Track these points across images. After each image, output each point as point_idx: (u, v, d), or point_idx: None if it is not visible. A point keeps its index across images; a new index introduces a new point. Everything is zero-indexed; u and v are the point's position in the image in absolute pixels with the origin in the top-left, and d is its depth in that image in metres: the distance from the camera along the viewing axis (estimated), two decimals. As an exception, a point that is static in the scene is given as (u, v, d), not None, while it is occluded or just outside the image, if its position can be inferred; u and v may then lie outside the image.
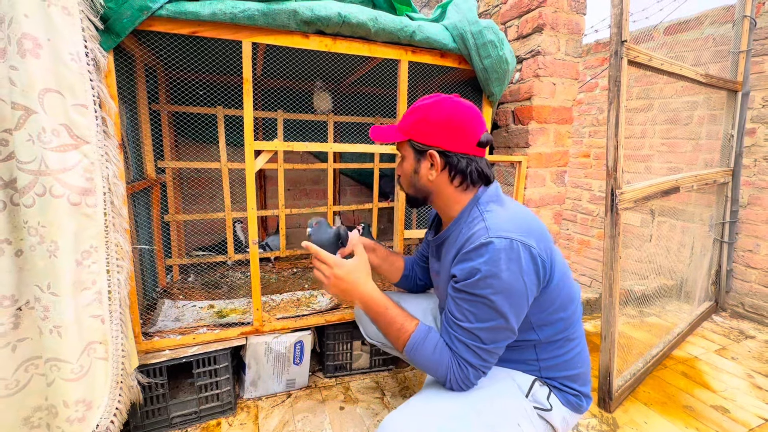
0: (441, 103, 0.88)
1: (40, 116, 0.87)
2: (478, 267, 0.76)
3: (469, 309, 0.79)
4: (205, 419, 1.31)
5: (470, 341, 0.80)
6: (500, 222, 0.80)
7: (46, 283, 0.91)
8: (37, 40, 0.85)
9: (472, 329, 0.79)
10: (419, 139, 0.89)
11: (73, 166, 0.92)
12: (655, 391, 1.56)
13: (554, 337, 0.88)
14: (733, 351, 1.89)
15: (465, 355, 0.81)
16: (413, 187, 0.95)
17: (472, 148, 0.88)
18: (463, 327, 0.80)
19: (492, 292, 0.76)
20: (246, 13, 1.11)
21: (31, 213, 0.88)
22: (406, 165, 0.95)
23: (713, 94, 2.18)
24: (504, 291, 0.76)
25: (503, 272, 0.75)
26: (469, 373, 0.81)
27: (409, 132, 0.90)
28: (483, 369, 0.82)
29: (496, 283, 0.75)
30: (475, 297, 0.78)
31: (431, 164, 0.89)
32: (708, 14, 2.32)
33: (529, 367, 0.91)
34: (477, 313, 0.78)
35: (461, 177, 0.89)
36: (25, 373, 0.99)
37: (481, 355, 0.80)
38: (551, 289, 0.83)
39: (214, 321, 1.39)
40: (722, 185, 2.15)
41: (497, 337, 0.80)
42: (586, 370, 0.93)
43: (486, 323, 0.78)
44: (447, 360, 0.82)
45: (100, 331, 1.01)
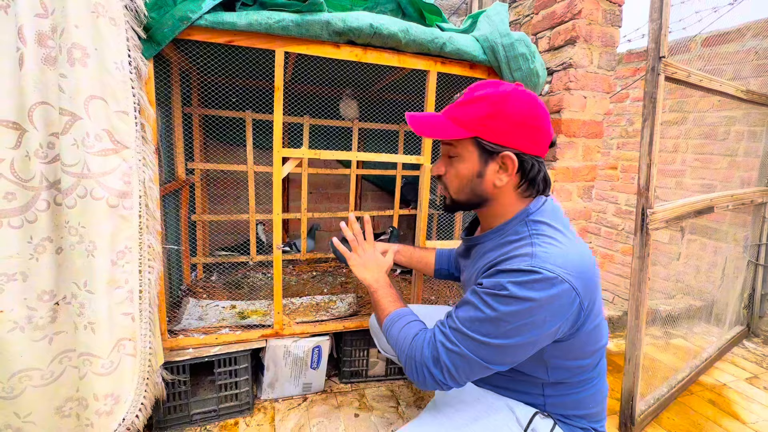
0: (518, 95, 0.75)
1: (85, 122, 0.91)
2: (506, 285, 0.67)
3: (473, 313, 0.71)
4: (223, 418, 1.34)
5: (454, 335, 0.73)
6: (550, 254, 0.69)
7: (83, 281, 0.95)
8: (86, 49, 0.89)
9: (463, 330, 0.72)
10: (491, 137, 0.75)
11: (113, 169, 0.96)
12: (680, 418, 1.50)
13: (567, 380, 0.80)
14: (765, 380, 1.80)
15: (440, 336, 0.75)
16: (470, 192, 0.81)
17: (545, 149, 0.78)
18: (457, 321, 0.73)
19: (507, 313, 0.67)
20: (281, 23, 1.13)
21: (72, 213, 0.93)
22: (463, 167, 0.80)
23: (753, 110, 2.09)
24: (520, 321, 0.67)
25: (532, 303, 0.66)
26: (428, 355, 0.75)
27: (476, 128, 0.75)
28: (446, 370, 0.73)
29: (516, 309, 0.66)
30: (486, 306, 0.69)
31: (500, 167, 0.77)
32: (750, 26, 2.22)
33: (532, 399, 0.84)
34: (479, 321, 0.70)
35: (529, 183, 0.78)
36: (59, 365, 1.04)
37: (453, 352, 0.72)
38: (578, 336, 0.74)
39: (236, 322, 1.42)
40: (760, 205, 2.05)
41: (482, 351, 0.70)
42: (600, 409, 0.85)
43: (481, 336, 0.70)
44: (414, 334, 0.81)
45: (130, 329, 1.05)
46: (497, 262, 0.74)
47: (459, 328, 0.73)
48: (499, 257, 0.75)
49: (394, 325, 0.88)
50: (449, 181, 0.84)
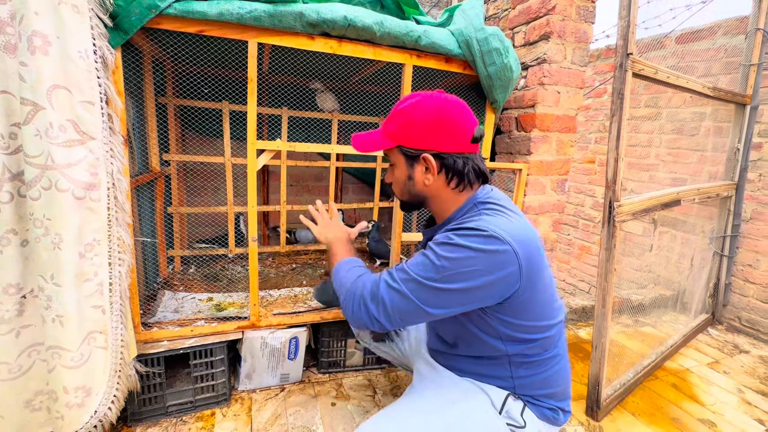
0: (424, 102, 0.83)
1: (48, 112, 0.89)
2: (452, 237, 0.75)
3: (420, 260, 0.78)
4: (199, 409, 1.35)
5: (401, 273, 0.79)
6: (496, 221, 0.76)
7: (49, 274, 0.94)
8: (47, 37, 0.87)
9: (409, 269, 0.78)
10: (409, 144, 0.84)
11: (79, 161, 0.94)
12: (644, 402, 1.58)
13: (528, 357, 0.85)
14: (725, 365, 1.90)
15: (386, 274, 0.81)
16: (408, 193, 0.91)
17: (466, 145, 0.84)
18: (405, 266, 0.80)
19: (448, 259, 0.73)
20: (252, 14, 1.12)
21: (37, 205, 0.91)
22: (398, 172, 0.90)
23: (721, 107, 2.16)
24: (459, 268, 0.72)
25: (471, 252, 0.72)
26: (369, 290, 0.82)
27: (396, 138, 0.85)
28: (382, 304, 0.79)
29: (457, 256, 0.73)
30: (433, 253, 0.76)
31: (426, 168, 0.85)
32: (721, 24, 2.29)
33: (503, 382, 0.88)
34: (423, 265, 0.76)
35: (458, 178, 0.85)
36: (27, 359, 1.03)
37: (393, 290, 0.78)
38: (522, 304, 0.78)
39: (212, 314, 1.42)
40: (725, 199, 2.14)
41: (421, 294, 0.76)
42: (564, 388, 0.91)
43: (423, 279, 0.75)
44: (360, 274, 0.87)
45: (101, 322, 1.04)
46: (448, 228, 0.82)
47: (405, 269, 0.79)
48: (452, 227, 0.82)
49: (343, 267, 0.92)
50: (394, 186, 0.94)
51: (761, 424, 1.49)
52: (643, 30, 2.39)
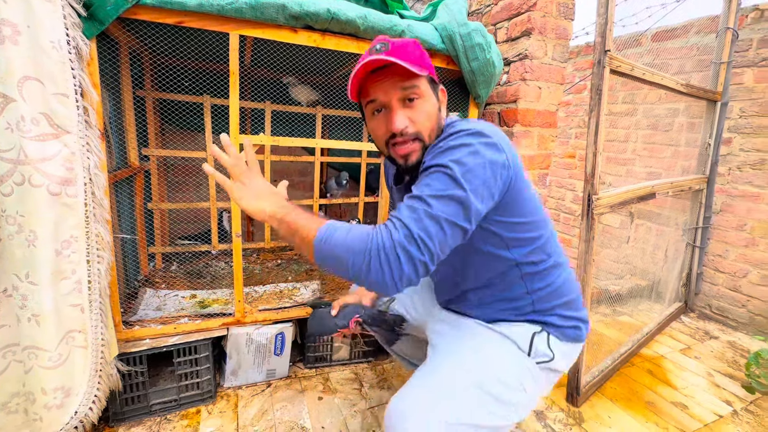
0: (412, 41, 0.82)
1: (19, 104, 0.86)
2: (445, 145, 0.73)
3: (424, 183, 0.70)
4: (184, 407, 1.34)
5: (416, 203, 0.68)
6: (470, 122, 0.77)
7: (24, 273, 0.91)
8: (17, 26, 0.84)
9: (421, 195, 0.68)
10: (431, 71, 0.82)
11: (53, 155, 0.91)
12: (621, 388, 1.64)
13: (535, 265, 0.85)
14: (697, 351, 1.99)
15: (403, 215, 0.67)
16: (437, 128, 0.82)
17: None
18: (412, 196, 0.70)
19: (453, 161, 0.69)
20: (233, 5, 1.10)
21: (9, 202, 0.88)
22: (429, 105, 0.80)
23: (694, 103, 2.24)
24: (467, 164, 0.69)
25: (471, 146, 0.71)
26: (399, 236, 0.65)
27: (427, 67, 0.80)
28: (421, 241, 0.65)
29: (459, 155, 0.69)
30: (435, 168, 0.70)
31: (442, 99, 0.86)
32: (694, 23, 2.36)
33: (523, 303, 0.87)
34: (432, 183, 0.69)
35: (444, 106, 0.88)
36: (3, 360, 1.00)
37: (423, 220, 0.65)
38: (516, 195, 0.78)
39: (196, 311, 1.40)
40: (697, 192, 2.23)
41: (449, 208, 0.67)
42: (578, 295, 0.93)
43: (441, 191, 0.67)
44: (368, 231, 0.68)
45: (80, 320, 1.02)
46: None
47: (419, 196, 0.68)
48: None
49: (335, 233, 0.69)
50: (420, 125, 0.79)
51: (729, 405, 1.57)
52: (620, 28, 2.45)
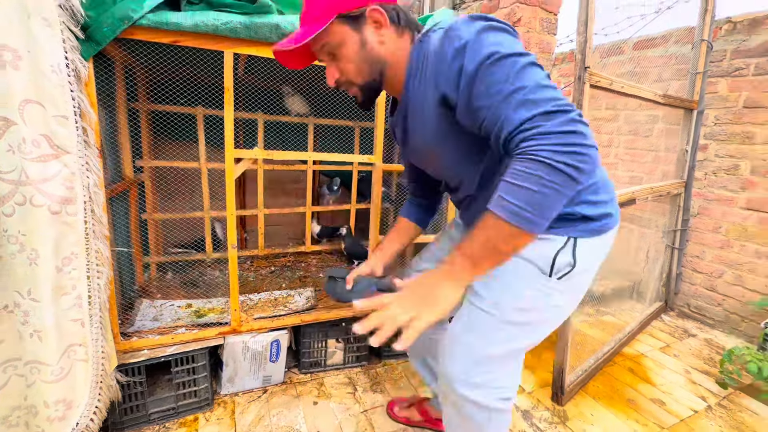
0: None
1: (21, 127, 0.88)
2: (458, 49, 0.66)
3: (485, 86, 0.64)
4: (182, 415, 1.37)
5: (515, 96, 0.62)
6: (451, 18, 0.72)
7: (26, 290, 0.94)
8: (17, 51, 0.86)
9: (503, 91, 0.62)
10: (346, 7, 0.75)
11: (54, 176, 0.94)
12: (604, 386, 1.72)
13: None
14: (675, 348, 2.08)
15: (527, 112, 0.60)
16: (369, 66, 0.79)
17: None
18: (496, 102, 0.63)
19: (488, 44, 0.64)
20: (228, 25, 1.13)
21: (10, 222, 0.90)
22: (346, 50, 0.77)
23: (672, 111, 2.33)
24: (496, 40, 0.65)
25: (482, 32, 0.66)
26: (554, 119, 0.59)
27: (330, 10, 0.74)
28: (558, 102, 0.60)
29: (486, 39, 0.65)
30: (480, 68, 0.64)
31: (374, 26, 0.77)
32: (673, 33, 2.46)
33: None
34: (495, 76, 0.63)
35: (408, 25, 0.80)
36: (3, 374, 1.02)
37: (538, 95, 0.61)
38: None
39: (192, 321, 1.43)
40: (676, 196, 2.32)
41: (533, 72, 0.63)
42: (604, 177, 0.86)
43: (512, 71, 0.62)
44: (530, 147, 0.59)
45: (80, 334, 1.04)
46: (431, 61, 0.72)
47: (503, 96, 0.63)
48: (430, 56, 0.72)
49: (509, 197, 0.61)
50: (348, 73, 0.80)
51: (704, 400, 1.66)
52: (603, 37, 2.53)
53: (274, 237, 2.28)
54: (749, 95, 2.12)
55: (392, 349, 1.24)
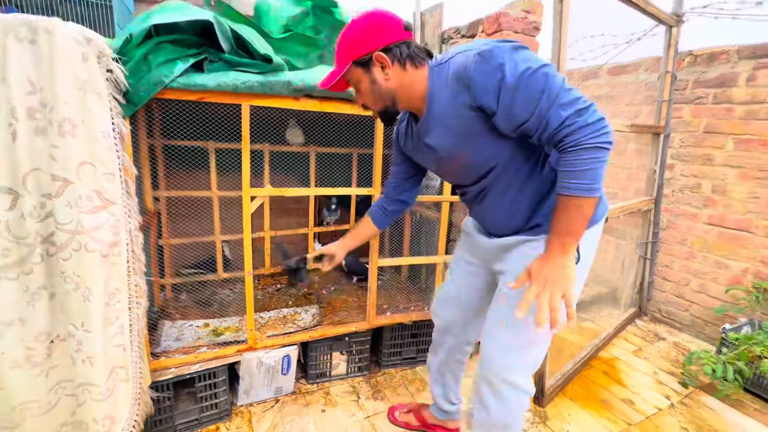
0: (355, 19, 0.96)
1: (77, 185, 1.03)
2: (495, 67, 0.82)
3: (526, 96, 0.81)
4: (205, 425, 1.52)
5: (553, 101, 0.80)
6: (466, 45, 0.89)
7: (80, 322, 1.09)
8: (74, 122, 1.02)
9: (543, 97, 0.80)
10: (358, 54, 0.95)
11: (103, 224, 1.09)
12: (580, 388, 1.92)
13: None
14: (646, 351, 2.29)
15: (564, 112, 0.80)
16: (380, 99, 1.00)
17: (401, 33, 0.96)
18: (540, 107, 0.80)
19: (522, 61, 0.81)
20: (246, 84, 1.30)
21: (67, 265, 1.06)
22: (363, 86, 1.00)
23: (642, 134, 2.55)
24: (525, 57, 0.82)
25: (513, 51, 0.82)
26: (585, 114, 0.79)
27: (347, 58, 0.97)
28: (583, 100, 0.81)
29: (519, 57, 0.81)
30: (520, 82, 0.81)
31: (381, 66, 0.96)
32: (642, 62, 2.68)
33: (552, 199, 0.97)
34: (534, 87, 0.80)
35: (410, 59, 0.95)
36: (54, 395, 1.17)
37: (568, 97, 0.80)
38: None
39: (211, 340, 1.59)
40: (646, 211, 2.54)
41: (559, 79, 0.81)
42: None
43: (546, 82, 0.80)
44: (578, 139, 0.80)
45: (122, 358, 1.20)
46: (460, 78, 0.88)
47: (548, 100, 0.80)
48: (460, 74, 0.88)
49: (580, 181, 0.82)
50: (368, 101, 1.04)
51: (668, 399, 1.87)
52: (581, 62, 2.75)
53: (279, 255, 2.43)
54: (708, 122, 2.35)
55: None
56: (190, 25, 1.25)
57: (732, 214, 2.26)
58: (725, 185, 2.29)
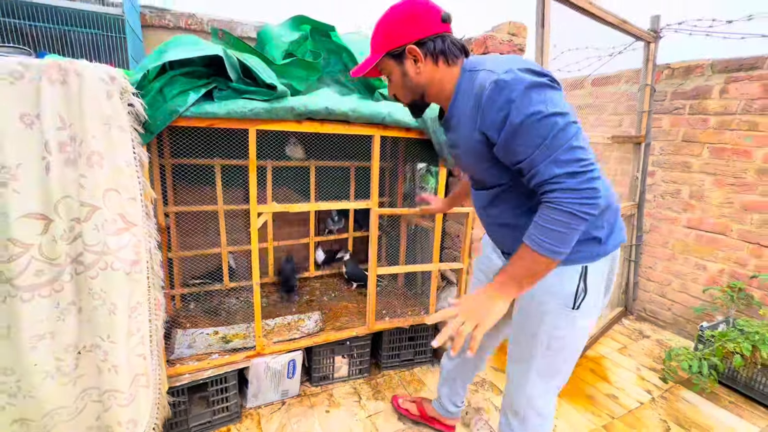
0: (393, 7, 0.97)
1: (103, 211, 1.14)
2: (505, 101, 0.81)
3: (526, 138, 0.80)
4: (216, 427, 1.63)
5: (550, 153, 0.78)
6: (498, 62, 0.86)
7: (106, 335, 1.19)
8: (101, 154, 1.12)
9: (542, 146, 0.78)
10: (392, 45, 0.96)
11: (126, 244, 1.20)
12: (568, 385, 2.03)
13: None
14: (631, 349, 2.43)
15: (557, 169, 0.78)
16: (410, 91, 1.03)
17: (438, 25, 0.95)
18: (535, 155, 0.80)
19: (534, 103, 0.79)
20: (254, 110, 1.41)
21: (95, 282, 1.16)
22: (394, 78, 1.02)
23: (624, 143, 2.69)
24: (541, 98, 0.79)
25: (529, 89, 0.79)
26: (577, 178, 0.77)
27: (381, 49, 0.99)
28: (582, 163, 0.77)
29: (534, 96, 0.79)
30: (524, 122, 0.79)
31: (414, 59, 0.96)
32: (624, 74, 2.82)
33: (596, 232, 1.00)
34: (537, 132, 0.78)
35: (443, 56, 0.95)
36: (81, 402, 1.26)
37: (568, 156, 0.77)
38: None
39: (222, 347, 1.69)
40: (630, 216, 2.68)
41: (568, 134, 0.78)
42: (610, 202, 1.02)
43: (551, 132, 0.78)
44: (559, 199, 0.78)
45: (143, 366, 1.30)
46: (477, 97, 0.87)
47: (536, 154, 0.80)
48: (477, 93, 0.87)
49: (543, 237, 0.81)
50: (399, 93, 1.06)
51: (649, 393, 2.00)
52: (566, 73, 2.88)
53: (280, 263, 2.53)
54: (686, 131, 2.49)
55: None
56: (201, 58, 1.35)
57: (709, 218, 2.41)
58: (702, 191, 2.43)
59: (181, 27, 2.03)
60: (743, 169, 2.23)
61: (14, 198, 1.05)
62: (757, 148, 2.17)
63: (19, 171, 1.04)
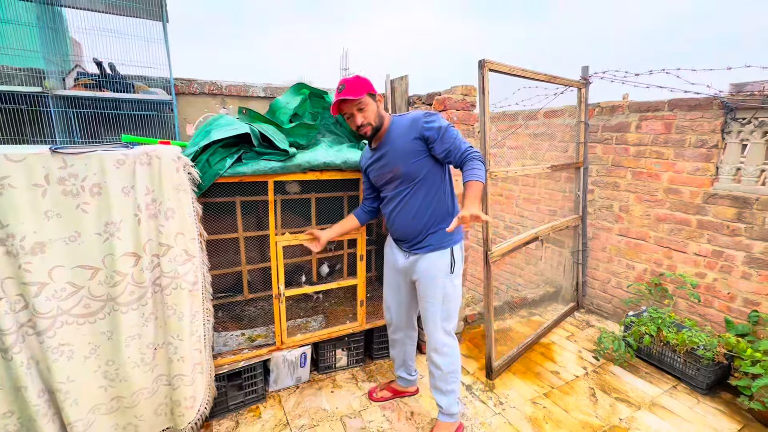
0: (360, 76, 1.63)
1: (174, 249, 1.65)
2: (438, 122, 1.62)
3: (449, 135, 1.61)
4: (248, 405, 2.12)
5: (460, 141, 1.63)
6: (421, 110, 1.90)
7: (176, 335, 1.70)
8: (173, 209, 1.64)
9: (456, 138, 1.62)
10: (370, 90, 1.64)
11: (189, 270, 1.71)
12: (522, 366, 2.58)
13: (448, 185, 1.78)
14: (577, 336, 2.98)
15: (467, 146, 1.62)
16: (376, 118, 1.67)
17: None
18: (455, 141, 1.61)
19: (445, 121, 1.66)
20: (272, 168, 1.93)
21: (168, 298, 1.67)
22: (371, 108, 1.65)
23: (564, 170, 3.27)
24: (445, 120, 1.67)
25: (441, 117, 1.66)
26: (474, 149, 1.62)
27: (364, 90, 1.62)
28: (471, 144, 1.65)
29: (443, 118, 1.67)
30: (447, 130, 1.62)
31: (379, 101, 1.69)
32: (567, 109, 3.41)
33: (447, 221, 1.71)
34: (451, 132, 1.62)
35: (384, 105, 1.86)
36: (155, 384, 1.76)
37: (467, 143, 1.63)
38: None
39: (249, 344, 2.20)
40: (576, 227, 3.25)
41: (460, 134, 1.66)
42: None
43: (457, 133, 1.64)
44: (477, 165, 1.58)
45: (199, 357, 1.80)
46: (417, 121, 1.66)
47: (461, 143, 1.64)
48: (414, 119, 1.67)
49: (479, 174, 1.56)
50: (368, 119, 1.65)
51: (584, 369, 2.54)
52: (522, 107, 3.45)
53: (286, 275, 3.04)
54: (614, 157, 3.08)
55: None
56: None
57: (634, 228, 2.98)
58: (628, 205, 3.01)
59: (205, 93, 2.56)
60: (655, 189, 2.81)
61: (118, 243, 1.56)
62: (664, 172, 2.75)
63: (121, 225, 1.56)
